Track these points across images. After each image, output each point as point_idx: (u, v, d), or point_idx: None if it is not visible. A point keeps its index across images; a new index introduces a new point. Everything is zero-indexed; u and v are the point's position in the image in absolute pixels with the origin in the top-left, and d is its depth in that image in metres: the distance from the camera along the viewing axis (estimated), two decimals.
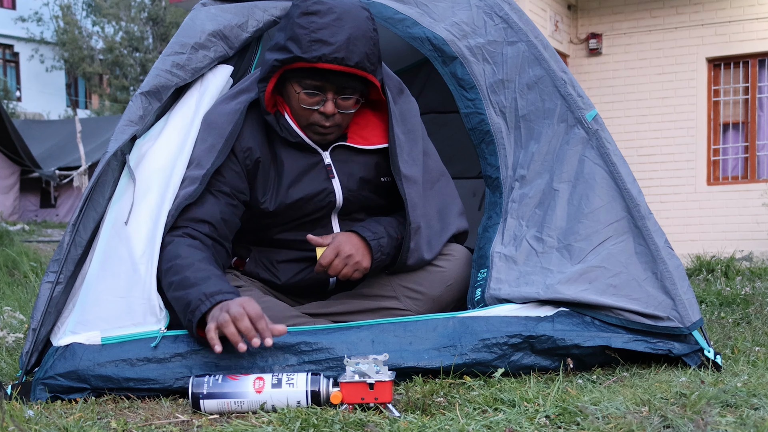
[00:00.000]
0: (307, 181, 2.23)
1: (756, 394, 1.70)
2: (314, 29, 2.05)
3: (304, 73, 2.11)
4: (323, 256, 2.13)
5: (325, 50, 2.04)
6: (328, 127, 2.19)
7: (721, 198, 8.38)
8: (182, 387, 1.88)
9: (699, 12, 8.38)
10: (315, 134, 2.21)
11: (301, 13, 2.07)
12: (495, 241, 2.19)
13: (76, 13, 27.39)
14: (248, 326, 1.80)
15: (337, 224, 2.30)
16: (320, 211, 2.26)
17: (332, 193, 2.25)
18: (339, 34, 2.05)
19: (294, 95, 2.15)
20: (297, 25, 2.07)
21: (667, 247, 2.06)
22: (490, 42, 2.33)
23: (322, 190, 2.24)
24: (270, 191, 2.21)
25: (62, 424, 1.60)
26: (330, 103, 2.14)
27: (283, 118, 2.21)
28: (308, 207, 2.24)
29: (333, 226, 2.29)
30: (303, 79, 2.12)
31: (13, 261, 5.94)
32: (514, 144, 2.28)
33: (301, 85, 2.13)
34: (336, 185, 2.25)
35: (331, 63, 2.06)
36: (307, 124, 2.19)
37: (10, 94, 26.47)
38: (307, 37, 2.05)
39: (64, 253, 2.00)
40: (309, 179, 2.23)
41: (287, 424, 1.58)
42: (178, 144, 2.18)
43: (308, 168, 2.24)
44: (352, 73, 2.11)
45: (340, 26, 2.06)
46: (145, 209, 2.08)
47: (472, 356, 1.93)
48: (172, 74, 2.23)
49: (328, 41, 2.04)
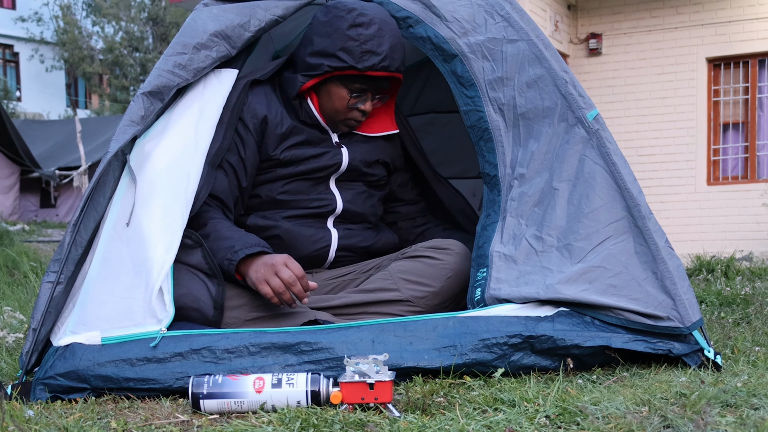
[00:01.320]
0: (318, 146, 2.47)
1: (756, 394, 1.70)
2: (364, 41, 2.31)
3: (353, 78, 2.38)
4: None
5: (375, 60, 2.33)
6: (360, 121, 2.49)
7: (721, 198, 8.38)
8: (182, 387, 1.88)
9: (699, 12, 8.38)
10: (346, 126, 2.49)
11: (349, 25, 2.32)
12: (494, 239, 2.19)
13: (76, 13, 27.38)
14: (300, 290, 2.09)
15: (335, 188, 2.51)
16: (323, 171, 2.47)
17: (339, 156, 2.48)
18: (384, 44, 2.33)
19: (341, 96, 2.41)
20: (347, 37, 2.32)
21: (667, 247, 2.06)
22: (490, 39, 2.33)
23: (330, 151, 2.48)
24: (286, 141, 2.43)
25: (62, 424, 1.60)
26: (369, 102, 2.44)
27: (305, 103, 2.44)
28: (313, 163, 2.45)
29: (332, 189, 2.50)
30: (351, 83, 2.39)
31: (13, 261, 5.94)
32: (513, 142, 2.28)
33: (349, 89, 2.40)
34: (344, 152, 2.50)
35: (379, 71, 2.35)
36: (344, 119, 2.46)
37: (10, 94, 26.47)
38: (358, 48, 2.32)
39: (64, 253, 2.00)
40: (320, 145, 2.47)
41: (287, 424, 1.58)
42: (184, 147, 2.19)
43: (320, 140, 2.48)
44: (390, 76, 2.41)
45: (383, 36, 2.33)
46: (155, 212, 2.08)
47: (472, 356, 1.93)
48: (174, 74, 2.23)
49: (377, 52, 2.32)
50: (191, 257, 2.14)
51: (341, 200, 2.49)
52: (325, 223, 2.49)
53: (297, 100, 2.44)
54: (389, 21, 2.37)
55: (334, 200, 2.49)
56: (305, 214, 2.46)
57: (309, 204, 2.46)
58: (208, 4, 2.41)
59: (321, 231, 2.47)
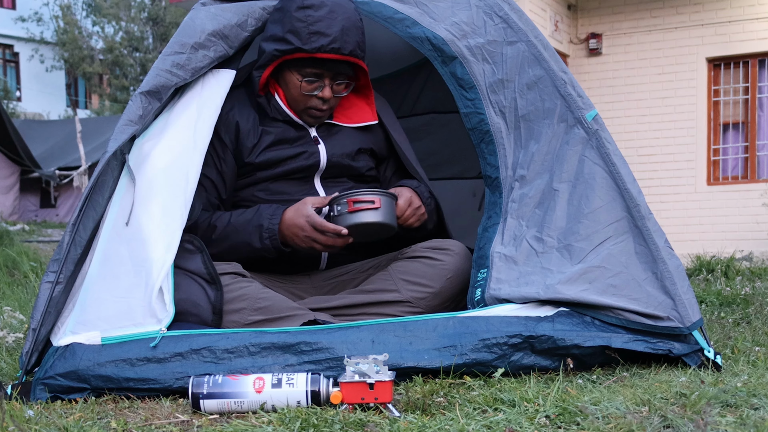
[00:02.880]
0: (295, 145, 2.43)
1: (756, 394, 1.70)
2: (311, 22, 2.26)
3: (303, 62, 2.33)
4: (399, 208, 2.33)
5: (323, 41, 2.27)
6: (324, 110, 2.42)
7: (721, 198, 8.37)
8: (182, 387, 1.87)
9: (699, 12, 8.37)
10: (310, 117, 2.43)
11: (297, 7, 2.28)
12: (495, 241, 2.19)
13: (76, 13, 27.37)
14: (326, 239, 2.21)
15: (320, 186, 2.46)
16: (304, 171, 2.43)
17: (317, 154, 2.43)
18: (334, 25, 2.27)
19: (294, 83, 2.36)
20: (295, 18, 2.27)
21: (667, 247, 2.06)
22: (489, 42, 2.33)
23: (307, 151, 2.43)
24: (258, 144, 2.40)
25: (62, 424, 1.60)
26: (327, 88, 2.37)
27: (273, 99, 2.43)
28: (291, 163, 2.41)
29: (316, 188, 2.46)
30: (302, 68, 2.34)
31: (13, 261, 5.94)
32: (514, 144, 2.28)
33: (301, 74, 2.34)
34: (321, 150, 2.45)
35: (329, 53, 2.28)
36: (304, 108, 2.41)
37: (10, 94, 26.46)
38: (305, 29, 2.26)
39: (63, 253, 2.00)
40: (296, 144, 2.44)
41: (287, 424, 1.58)
42: (183, 147, 2.19)
43: (296, 138, 2.44)
44: (346, 61, 2.34)
45: (334, 18, 2.28)
46: (154, 211, 2.08)
47: (472, 356, 1.93)
48: (172, 74, 2.23)
49: (325, 33, 2.27)
50: (190, 263, 2.14)
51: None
52: None
53: (263, 98, 2.42)
54: (345, 5, 2.32)
55: None
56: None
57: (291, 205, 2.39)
58: (206, 4, 2.40)
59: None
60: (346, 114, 2.52)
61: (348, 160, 2.48)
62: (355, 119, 2.52)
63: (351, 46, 2.30)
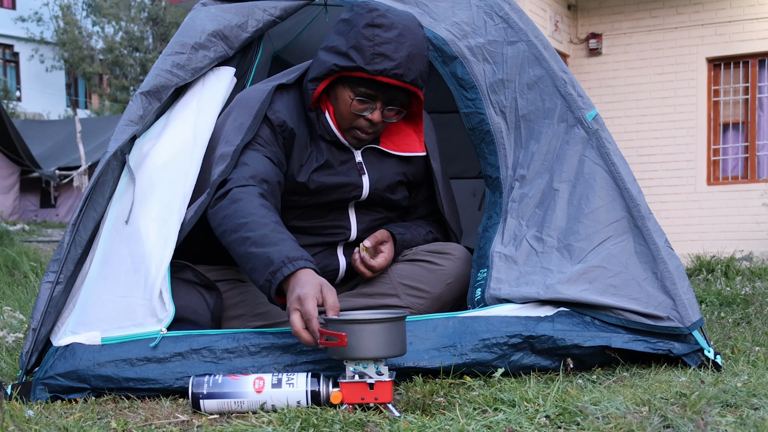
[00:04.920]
0: (340, 172, 2.31)
1: (756, 394, 1.70)
2: (378, 43, 2.12)
3: (359, 80, 2.19)
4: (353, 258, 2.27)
5: (387, 65, 2.13)
6: (369, 134, 2.28)
7: (721, 198, 8.38)
8: (182, 387, 1.88)
9: (699, 12, 8.38)
10: (354, 138, 2.29)
11: (366, 24, 2.14)
12: (495, 240, 2.19)
13: (76, 13, 27.38)
14: (313, 329, 1.75)
15: (354, 215, 2.37)
16: (344, 202, 2.34)
17: (360, 188, 2.33)
18: (400, 50, 2.13)
19: (345, 99, 2.22)
20: (361, 35, 2.13)
21: (667, 247, 2.06)
22: (490, 42, 2.33)
23: (352, 183, 2.31)
24: (306, 166, 2.26)
25: (62, 424, 1.60)
26: (378, 111, 2.23)
27: (323, 116, 2.27)
28: (335, 194, 2.30)
29: (350, 217, 2.36)
30: (357, 86, 2.19)
31: (13, 261, 5.93)
32: (514, 144, 2.28)
33: (354, 92, 2.20)
34: (365, 181, 2.33)
35: (390, 78, 2.14)
36: (349, 128, 2.27)
37: (10, 94, 26.47)
38: (371, 49, 2.12)
39: (64, 252, 2.00)
40: (342, 170, 2.31)
41: (287, 424, 1.58)
42: (182, 143, 2.19)
43: (342, 162, 2.32)
44: (404, 88, 2.20)
45: (402, 43, 2.14)
46: (152, 207, 2.08)
47: (472, 356, 1.93)
48: (172, 74, 2.23)
49: (391, 56, 2.13)
50: (184, 274, 2.12)
51: (356, 228, 2.36)
52: (335, 250, 2.37)
53: (314, 112, 2.27)
54: (415, 31, 2.18)
55: (349, 229, 2.36)
56: (314, 242, 2.32)
57: (321, 231, 2.33)
58: (206, 4, 2.41)
59: (328, 259, 2.34)
60: (392, 140, 2.38)
61: (388, 194, 2.37)
62: (402, 147, 2.37)
63: (413, 75, 2.16)
